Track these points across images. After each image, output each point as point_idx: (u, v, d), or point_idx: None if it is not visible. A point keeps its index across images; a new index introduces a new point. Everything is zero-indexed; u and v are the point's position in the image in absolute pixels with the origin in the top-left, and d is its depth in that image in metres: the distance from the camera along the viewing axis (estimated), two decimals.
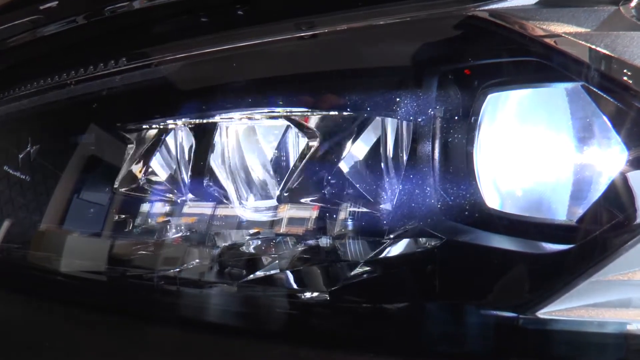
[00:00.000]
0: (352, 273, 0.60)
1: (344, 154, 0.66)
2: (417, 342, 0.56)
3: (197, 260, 0.76)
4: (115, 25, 0.78)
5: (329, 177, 0.66)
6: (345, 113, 0.63)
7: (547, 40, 0.49)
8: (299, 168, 0.67)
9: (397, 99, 0.58)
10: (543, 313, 0.49)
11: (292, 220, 0.68)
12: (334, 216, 0.65)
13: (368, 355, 0.54)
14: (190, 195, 0.73)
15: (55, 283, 0.86)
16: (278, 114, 0.68)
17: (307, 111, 0.66)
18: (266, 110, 0.69)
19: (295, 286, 0.64)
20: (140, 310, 0.75)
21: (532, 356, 0.52)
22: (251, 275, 0.67)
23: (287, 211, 0.69)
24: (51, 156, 1.00)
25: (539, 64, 0.51)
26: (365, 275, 0.59)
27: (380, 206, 0.60)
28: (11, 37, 0.95)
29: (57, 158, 0.99)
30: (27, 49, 0.95)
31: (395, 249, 0.57)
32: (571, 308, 0.49)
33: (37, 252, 0.93)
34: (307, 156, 0.64)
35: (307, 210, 0.66)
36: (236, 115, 0.71)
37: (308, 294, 0.62)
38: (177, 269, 0.77)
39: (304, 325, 0.64)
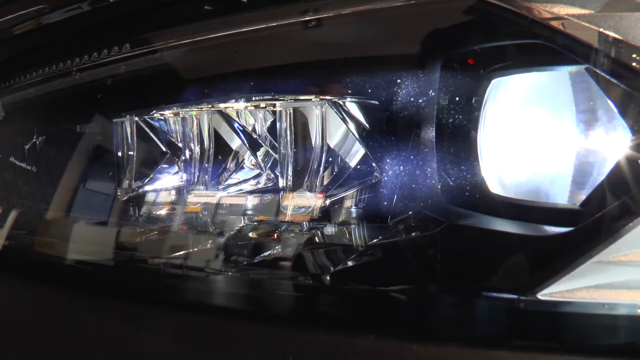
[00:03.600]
0: (354, 256, 0.60)
1: (348, 141, 0.66)
2: (419, 324, 0.56)
3: (203, 248, 0.76)
4: (120, 12, 0.78)
5: (335, 165, 0.66)
6: (348, 98, 0.63)
7: (552, 22, 0.49)
8: (305, 156, 0.67)
9: (400, 83, 0.58)
10: (544, 295, 0.49)
11: (296, 208, 0.68)
12: (339, 204, 0.65)
13: (369, 336, 0.54)
14: (203, 181, 0.73)
15: (61, 269, 0.87)
16: (282, 100, 0.68)
17: (311, 98, 0.66)
18: (269, 96, 0.69)
19: (298, 269, 0.64)
20: (146, 295, 0.75)
21: (532, 337, 0.51)
22: (255, 259, 0.67)
23: (292, 199, 0.69)
24: (57, 145, 1.01)
25: (543, 46, 0.51)
26: (367, 259, 0.59)
27: (384, 192, 0.60)
28: (16, 25, 0.96)
29: (63, 147, 1.00)
30: (32, 37, 0.95)
31: (398, 233, 0.57)
32: (572, 289, 0.49)
33: (44, 239, 0.93)
34: (319, 145, 0.64)
35: (312, 199, 0.66)
36: (241, 101, 0.71)
37: (310, 277, 0.62)
38: (183, 256, 0.77)
39: (306, 307, 0.64)
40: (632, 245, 0.47)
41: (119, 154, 0.87)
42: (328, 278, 0.61)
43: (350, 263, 0.60)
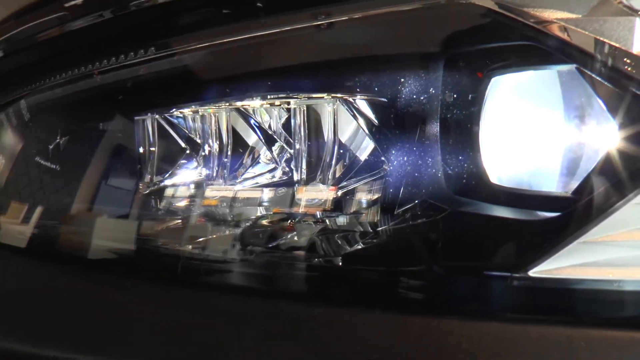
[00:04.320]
0: (365, 240, 0.65)
1: (358, 136, 0.71)
2: (422, 299, 0.61)
3: (221, 237, 0.81)
4: (143, 17, 0.83)
5: (347, 159, 0.70)
6: (358, 96, 0.67)
7: (542, 26, 0.54)
8: (318, 150, 0.72)
9: (406, 82, 0.63)
10: (534, 272, 0.54)
11: (310, 200, 0.73)
12: (350, 195, 0.69)
13: (377, 311, 0.59)
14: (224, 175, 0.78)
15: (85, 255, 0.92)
16: (296, 98, 0.73)
17: (323, 96, 0.71)
18: (283, 94, 0.74)
19: (311, 252, 0.69)
20: (166, 280, 0.80)
21: (524, 310, 0.56)
22: (270, 245, 0.72)
23: (305, 192, 0.74)
24: (80, 143, 1.05)
25: (536, 48, 0.56)
26: (376, 243, 0.64)
27: (392, 182, 0.65)
28: (40, 32, 1.00)
29: (86, 145, 1.05)
30: (57, 42, 1.00)
31: (405, 220, 0.62)
32: (560, 267, 0.54)
33: (70, 229, 0.98)
34: (331, 140, 0.69)
35: (325, 191, 0.71)
36: (257, 99, 0.76)
37: (322, 259, 0.67)
38: (202, 244, 0.82)
39: (318, 286, 0.69)
40: (613, 227, 0.52)
41: (141, 150, 0.92)
42: (339, 260, 0.66)
43: (360, 247, 0.65)
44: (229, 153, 0.82)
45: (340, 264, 0.66)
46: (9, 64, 1.07)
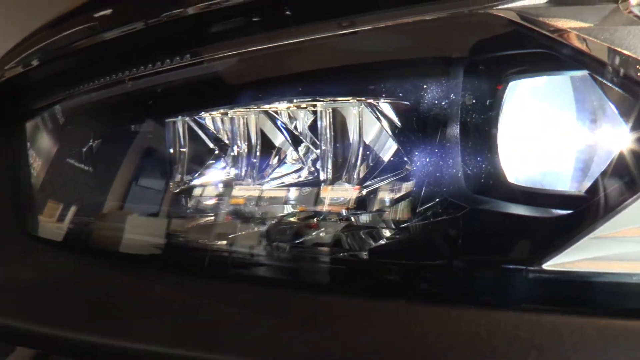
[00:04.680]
0: (389, 235, 0.69)
1: (382, 137, 0.74)
2: (443, 291, 0.65)
3: (248, 235, 0.85)
4: (176, 27, 0.87)
5: (370, 159, 0.74)
6: (382, 99, 0.71)
7: (558, 35, 0.57)
8: (344, 151, 0.75)
9: (428, 86, 0.67)
10: (548, 265, 0.58)
11: (335, 199, 0.77)
12: (373, 194, 0.73)
13: (401, 300, 0.63)
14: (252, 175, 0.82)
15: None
16: (322, 101, 0.77)
17: (349, 99, 0.74)
18: (310, 98, 0.78)
19: (336, 247, 0.73)
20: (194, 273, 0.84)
21: (538, 301, 0.60)
22: (296, 242, 0.76)
23: (331, 191, 0.78)
24: (113, 146, 1.10)
25: (551, 55, 0.59)
26: (399, 238, 0.68)
27: (414, 182, 0.68)
28: (73, 42, 1.05)
29: (119, 147, 1.09)
30: (91, 50, 1.04)
31: (427, 217, 0.66)
32: (573, 261, 0.57)
33: (103, 229, 1.03)
34: (356, 141, 0.73)
35: (349, 190, 0.75)
36: (285, 102, 0.80)
37: (346, 254, 0.72)
38: (229, 242, 0.87)
39: (345, 279, 0.73)
40: (623, 224, 0.55)
41: (171, 150, 0.96)
42: (364, 255, 0.70)
43: (383, 242, 0.69)
44: (257, 154, 0.86)
45: (364, 258, 0.70)
46: (44, 71, 1.11)
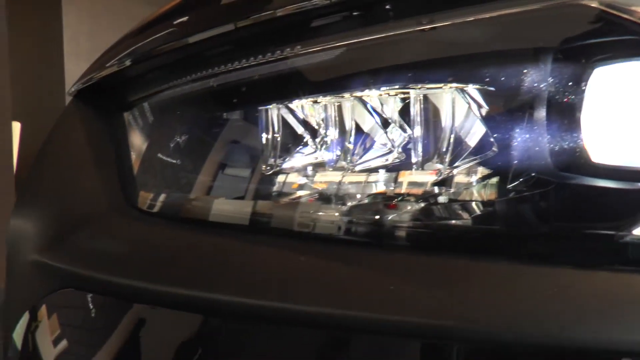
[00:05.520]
0: (479, 209, 0.75)
1: (470, 121, 0.81)
2: (536, 255, 0.71)
3: (331, 216, 0.92)
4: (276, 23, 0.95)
5: (460, 142, 0.81)
6: (471, 85, 0.78)
7: None
8: (434, 135, 0.82)
9: (517, 73, 0.73)
10: (638, 231, 0.64)
11: (423, 181, 0.84)
12: (463, 174, 0.80)
13: (503, 260, 0.69)
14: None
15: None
16: (414, 88, 0.83)
17: (440, 86, 0.81)
18: (401, 85, 0.85)
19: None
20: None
21: (628, 262, 0.66)
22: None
23: (419, 173, 0.84)
24: (209, 133, 1.19)
25: (637, 41, 0.65)
26: (491, 210, 0.74)
27: (503, 162, 0.75)
28: (160, 45, 1.13)
29: (214, 134, 1.18)
30: (186, 49, 1.12)
31: (517, 192, 0.72)
32: None
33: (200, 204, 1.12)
34: (445, 125, 0.80)
35: (438, 172, 0.81)
36: (376, 89, 0.87)
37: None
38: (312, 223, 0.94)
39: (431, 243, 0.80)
40: None
41: (264, 135, 1.05)
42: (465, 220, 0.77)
43: (475, 214, 0.76)
44: (346, 138, 0.93)
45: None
46: (142, 67, 1.21)
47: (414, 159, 0.84)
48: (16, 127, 7.49)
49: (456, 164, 0.80)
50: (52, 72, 12.68)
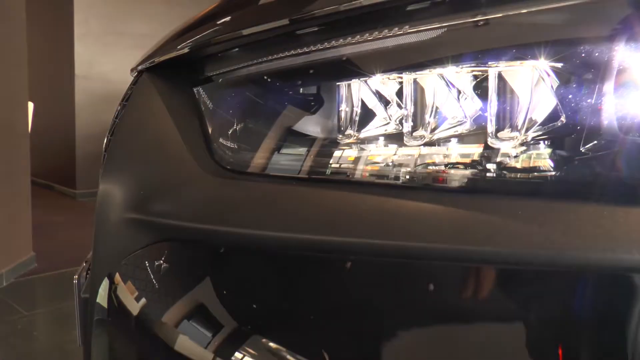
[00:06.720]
0: (550, 170, 0.89)
1: (542, 95, 0.94)
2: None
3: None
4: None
5: (532, 113, 0.94)
6: (543, 62, 0.91)
7: None
8: (508, 107, 0.95)
9: (588, 53, 0.86)
10: None
11: (498, 150, 0.96)
12: (535, 143, 0.93)
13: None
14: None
15: None
16: (492, 66, 0.97)
17: (514, 63, 0.94)
18: (477, 62, 0.98)
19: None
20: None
21: None
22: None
23: (494, 142, 0.97)
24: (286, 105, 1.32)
25: None
26: (560, 172, 0.88)
27: (573, 130, 0.88)
28: (252, 25, 1.24)
29: (292, 105, 1.31)
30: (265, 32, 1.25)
31: (588, 152, 0.86)
32: None
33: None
34: (519, 99, 0.93)
35: (513, 140, 0.94)
36: (454, 67, 1.00)
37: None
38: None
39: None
40: None
41: (341, 108, 1.18)
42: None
43: (548, 173, 0.90)
44: (424, 112, 1.07)
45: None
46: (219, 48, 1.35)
47: (489, 129, 0.97)
48: (30, 107, 7.62)
49: (527, 134, 0.93)
50: (62, 54, 12.76)
